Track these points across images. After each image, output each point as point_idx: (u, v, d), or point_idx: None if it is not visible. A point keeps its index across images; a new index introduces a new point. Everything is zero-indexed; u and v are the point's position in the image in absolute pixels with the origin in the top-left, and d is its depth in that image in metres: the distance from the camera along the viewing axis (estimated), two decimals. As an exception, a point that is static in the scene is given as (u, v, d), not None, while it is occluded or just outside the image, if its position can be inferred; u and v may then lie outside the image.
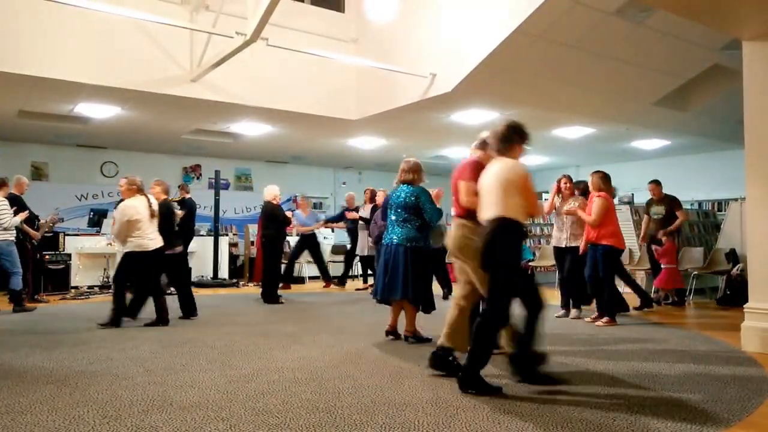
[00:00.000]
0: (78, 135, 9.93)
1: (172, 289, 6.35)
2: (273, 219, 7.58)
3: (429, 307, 4.71)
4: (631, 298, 6.54)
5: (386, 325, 4.92)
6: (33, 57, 6.26)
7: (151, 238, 5.50)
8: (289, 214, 8.00)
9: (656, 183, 7.69)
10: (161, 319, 5.49)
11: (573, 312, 6.07)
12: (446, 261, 7.29)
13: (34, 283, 7.37)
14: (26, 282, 6.83)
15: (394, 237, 4.70)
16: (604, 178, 5.90)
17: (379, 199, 7.83)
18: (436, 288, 5.85)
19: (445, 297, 7.61)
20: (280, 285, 8.08)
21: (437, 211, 4.69)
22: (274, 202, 7.66)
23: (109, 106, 7.94)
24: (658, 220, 7.58)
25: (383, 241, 4.85)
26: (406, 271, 4.58)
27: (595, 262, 5.77)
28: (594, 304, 6.03)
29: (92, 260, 9.13)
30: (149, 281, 5.57)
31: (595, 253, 5.75)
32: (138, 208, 5.44)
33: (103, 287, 8.70)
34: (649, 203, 7.76)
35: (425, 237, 4.70)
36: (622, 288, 6.65)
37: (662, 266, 7.35)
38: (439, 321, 5.79)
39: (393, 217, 4.77)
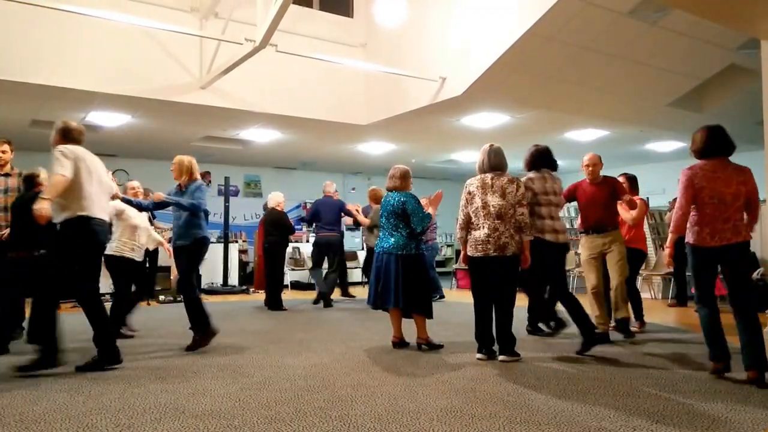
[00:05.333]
0: (89, 143, 9.75)
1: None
2: (278, 226, 7.58)
3: (426, 312, 4.65)
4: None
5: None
6: (45, 66, 6.30)
7: None
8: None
9: None
10: None
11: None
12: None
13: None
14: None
15: (385, 245, 4.69)
16: (633, 180, 5.83)
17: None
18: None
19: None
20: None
21: (425, 217, 4.65)
22: (279, 209, 7.67)
23: (120, 114, 7.99)
24: None
25: (375, 248, 4.83)
26: (397, 279, 4.57)
27: None
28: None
29: (103, 268, 9.11)
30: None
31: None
32: None
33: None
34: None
35: (416, 244, 4.67)
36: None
37: None
38: (452, 326, 5.76)
39: (384, 225, 4.77)
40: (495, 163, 4.32)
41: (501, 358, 4.20)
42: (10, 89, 6.49)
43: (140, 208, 5.18)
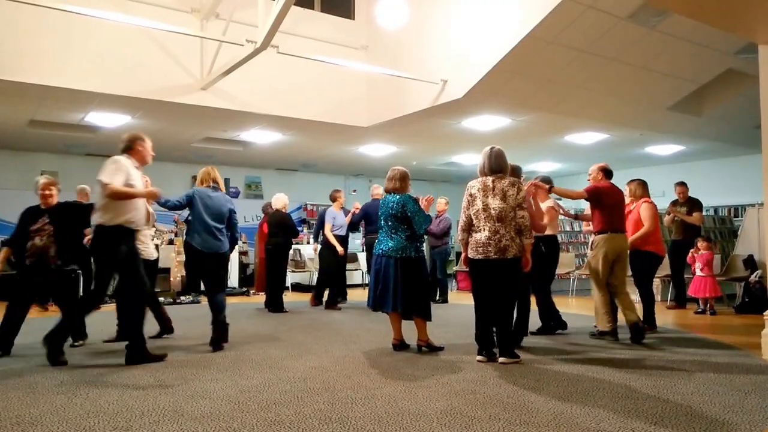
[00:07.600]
0: (88, 144, 9.99)
1: None
2: (283, 227, 7.59)
3: (425, 315, 4.65)
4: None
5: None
6: (44, 66, 6.31)
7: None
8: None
9: (683, 185, 7.96)
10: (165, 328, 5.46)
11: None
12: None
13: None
14: None
15: (384, 247, 4.69)
16: (643, 185, 5.91)
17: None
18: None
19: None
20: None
21: (426, 218, 4.66)
22: (284, 211, 7.68)
23: (119, 115, 7.99)
24: (679, 222, 7.77)
25: (374, 251, 4.83)
26: (396, 283, 4.57)
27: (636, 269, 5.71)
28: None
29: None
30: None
31: (636, 259, 5.64)
32: None
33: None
34: (674, 204, 7.96)
35: (416, 246, 4.67)
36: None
37: (697, 274, 7.31)
38: (452, 328, 5.76)
39: (383, 227, 4.77)
40: (496, 165, 4.33)
41: (501, 360, 4.20)
42: (10, 89, 6.50)
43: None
